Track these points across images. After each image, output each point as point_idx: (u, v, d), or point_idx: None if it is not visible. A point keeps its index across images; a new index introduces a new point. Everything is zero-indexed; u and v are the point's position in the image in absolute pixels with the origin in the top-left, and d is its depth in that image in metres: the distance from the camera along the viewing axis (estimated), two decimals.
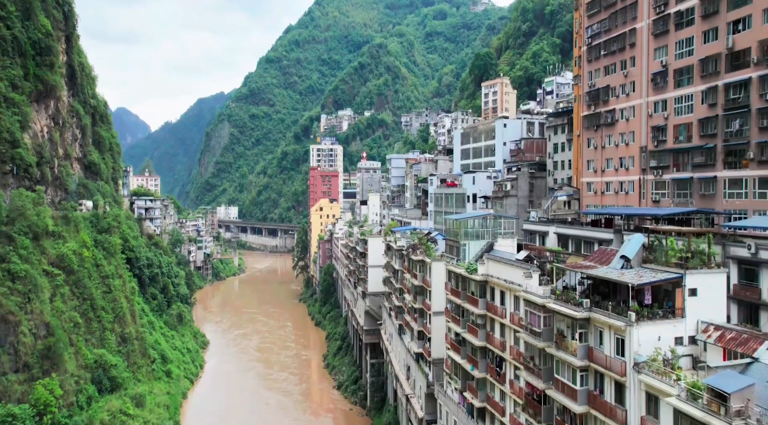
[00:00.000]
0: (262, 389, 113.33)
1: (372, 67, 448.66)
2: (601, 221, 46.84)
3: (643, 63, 50.14)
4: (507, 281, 38.76)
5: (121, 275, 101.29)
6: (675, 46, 46.61)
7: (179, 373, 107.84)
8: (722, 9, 41.93)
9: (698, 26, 44.28)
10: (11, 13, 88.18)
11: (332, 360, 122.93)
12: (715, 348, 25.43)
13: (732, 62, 41.16)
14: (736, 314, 32.76)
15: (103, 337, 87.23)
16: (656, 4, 48.25)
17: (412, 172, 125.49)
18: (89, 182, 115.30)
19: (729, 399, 20.25)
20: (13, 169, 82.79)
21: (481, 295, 42.50)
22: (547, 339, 32.25)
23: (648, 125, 49.52)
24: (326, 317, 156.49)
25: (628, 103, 52.24)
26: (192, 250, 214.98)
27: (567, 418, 30.87)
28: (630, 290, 27.53)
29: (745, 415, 19.86)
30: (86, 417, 73.12)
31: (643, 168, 50.12)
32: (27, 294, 71.79)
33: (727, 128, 41.58)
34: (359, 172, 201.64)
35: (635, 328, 26.45)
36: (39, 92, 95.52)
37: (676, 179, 46.55)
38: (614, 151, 54.16)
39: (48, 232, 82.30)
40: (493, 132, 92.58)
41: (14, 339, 67.92)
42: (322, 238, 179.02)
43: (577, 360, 29.40)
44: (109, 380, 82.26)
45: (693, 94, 44.95)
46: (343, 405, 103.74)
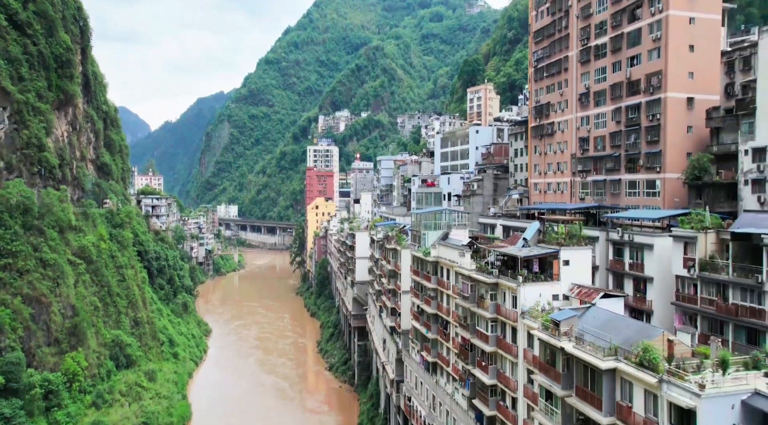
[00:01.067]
0: (261, 372, 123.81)
1: (369, 69, 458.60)
2: (535, 214, 57.69)
3: (573, 85, 61.00)
4: (450, 260, 49.68)
5: (133, 265, 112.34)
6: (594, 72, 57.46)
7: (185, 355, 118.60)
8: (623, 46, 52.79)
9: (609, 58, 55.12)
10: (37, 32, 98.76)
11: (325, 345, 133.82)
12: (576, 300, 36.29)
13: (630, 89, 52.03)
14: (612, 281, 43.61)
15: (118, 320, 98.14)
16: (582, 38, 59.11)
17: (399, 173, 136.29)
18: (102, 181, 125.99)
19: (559, 325, 31.18)
20: (40, 170, 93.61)
21: (434, 273, 53.41)
22: (472, 301, 43.17)
23: (576, 136, 60.41)
24: (321, 308, 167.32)
25: (563, 118, 63.13)
26: (194, 246, 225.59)
27: (483, 358, 41.83)
28: (520, 261, 38.44)
29: (570, 335, 30.80)
30: (107, 386, 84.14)
31: (573, 171, 61.04)
32: (56, 280, 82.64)
33: (627, 140, 52.51)
34: (353, 172, 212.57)
35: (523, 288, 37.34)
36: (60, 101, 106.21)
37: (595, 180, 57.45)
38: (553, 157, 65.03)
39: (71, 226, 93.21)
40: (468, 137, 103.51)
41: (47, 318, 78.79)
42: (318, 235, 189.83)
43: (489, 314, 40.32)
44: (124, 357, 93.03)
45: (606, 112, 55.83)
46: (333, 384, 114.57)
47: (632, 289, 41.66)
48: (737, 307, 33.24)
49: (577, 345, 29.64)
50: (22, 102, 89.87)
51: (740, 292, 33.26)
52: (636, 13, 51.52)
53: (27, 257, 78.67)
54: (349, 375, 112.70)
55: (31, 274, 78.36)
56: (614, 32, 54.28)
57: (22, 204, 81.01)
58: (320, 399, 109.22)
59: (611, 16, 54.66)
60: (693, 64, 48.36)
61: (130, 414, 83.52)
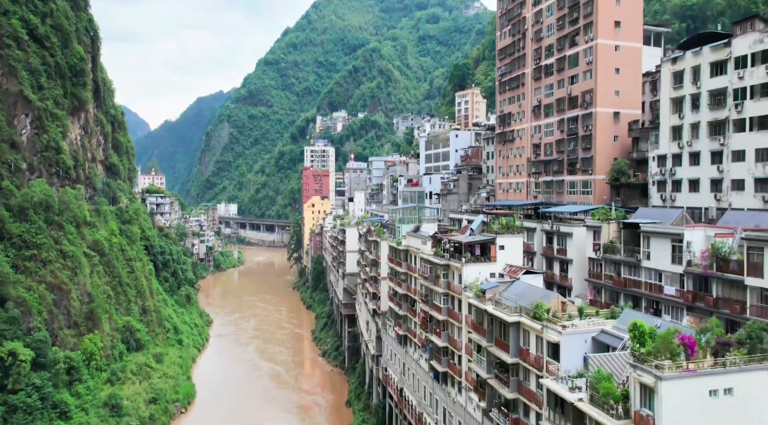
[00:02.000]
0: (259, 359, 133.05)
1: (366, 71, 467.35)
2: (495, 210, 67.14)
3: (528, 98, 70.38)
4: (416, 248, 59.12)
5: (140, 258, 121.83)
6: (544, 88, 66.85)
7: (189, 342, 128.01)
8: (566, 67, 62.16)
9: (555, 77, 64.50)
10: (54, 44, 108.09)
11: (319, 334, 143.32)
12: (507, 276, 45.70)
13: (570, 103, 61.42)
14: (544, 264, 53.00)
15: (128, 307, 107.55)
16: (534, 58, 68.51)
17: (389, 173, 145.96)
18: (111, 180, 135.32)
19: (485, 293, 40.68)
20: (57, 171, 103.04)
21: (405, 259, 62.81)
22: (430, 280, 52.65)
23: (531, 143, 69.81)
24: (316, 300, 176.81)
25: (521, 126, 72.51)
26: (195, 243, 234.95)
27: (438, 326, 51.31)
28: (464, 246, 47.91)
29: (492, 300, 40.28)
30: (120, 366, 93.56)
31: (528, 173, 70.48)
32: (74, 269, 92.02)
33: (568, 147, 61.91)
34: (347, 172, 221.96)
35: (465, 267, 46.79)
36: (74, 107, 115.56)
37: (545, 180, 66.86)
38: (513, 160, 74.43)
39: (86, 222, 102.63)
40: (448, 141, 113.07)
41: (67, 303, 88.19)
42: (314, 231, 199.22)
43: (441, 289, 49.78)
44: (134, 341, 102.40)
45: (553, 123, 65.22)
46: (326, 368, 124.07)
47: (559, 269, 51.10)
48: (626, 280, 42.72)
49: (496, 307, 39.18)
50: (42, 109, 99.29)
51: (628, 268, 42.69)
52: (575, 39, 60.91)
53: (49, 249, 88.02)
54: (340, 360, 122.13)
55: (52, 264, 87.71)
56: (559, 55, 63.72)
57: (45, 202, 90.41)
58: (314, 381, 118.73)
59: (557, 41, 64.09)
60: (618, 84, 57.75)
61: (140, 390, 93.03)
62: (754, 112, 42.47)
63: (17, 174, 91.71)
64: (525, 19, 70.52)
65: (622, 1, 57.15)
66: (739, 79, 43.49)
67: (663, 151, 50.06)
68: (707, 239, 36.23)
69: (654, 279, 40.02)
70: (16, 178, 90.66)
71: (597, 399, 26.91)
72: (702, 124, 46.80)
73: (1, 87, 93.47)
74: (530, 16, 69.29)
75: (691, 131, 48.01)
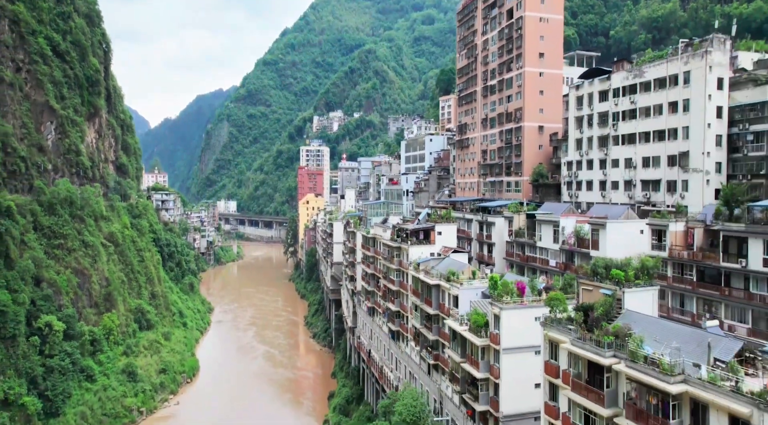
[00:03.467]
0: (256, 341, 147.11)
1: (362, 72, 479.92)
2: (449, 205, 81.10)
3: (479, 112, 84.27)
4: (380, 235, 73.20)
5: (149, 249, 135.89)
6: (489, 104, 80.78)
7: (192, 325, 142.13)
8: (504, 88, 76.10)
9: (497, 95, 78.47)
10: (73, 58, 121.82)
11: (311, 319, 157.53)
12: (442, 255, 59.65)
13: (507, 118, 75.39)
14: (478, 247, 67.02)
15: (139, 292, 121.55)
16: (483, 78, 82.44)
17: (375, 172, 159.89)
18: (121, 179, 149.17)
19: (419, 265, 54.76)
20: (77, 171, 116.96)
21: (372, 245, 76.79)
22: (388, 260, 66.66)
23: (480, 149, 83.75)
24: (309, 290, 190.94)
25: (474, 135, 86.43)
26: (196, 238, 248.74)
27: (393, 295, 65.36)
28: (410, 232, 61.90)
29: (424, 270, 54.29)
30: (134, 341, 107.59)
31: (478, 174, 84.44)
32: (94, 257, 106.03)
33: (506, 154, 75.88)
34: (339, 171, 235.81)
35: (411, 248, 60.78)
36: (90, 113, 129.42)
37: (490, 181, 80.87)
38: (468, 163, 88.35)
39: (102, 216, 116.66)
40: (424, 144, 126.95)
41: (89, 286, 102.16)
42: (308, 227, 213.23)
43: (395, 266, 63.76)
44: (145, 321, 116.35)
45: (495, 133, 79.14)
46: (316, 347, 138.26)
47: (486, 251, 65.05)
48: (528, 257, 56.70)
49: (425, 275, 53.28)
50: (64, 116, 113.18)
51: (529, 248, 56.62)
52: (510, 66, 74.76)
53: (73, 239, 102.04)
54: (328, 341, 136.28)
55: (76, 252, 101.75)
56: (500, 77, 77.58)
57: (69, 198, 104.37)
58: (304, 359, 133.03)
59: (498, 66, 77.94)
60: (543, 103, 71.57)
61: (152, 362, 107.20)
62: (624, 130, 56.31)
63: (45, 174, 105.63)
64: (476, 46, 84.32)
65: (545, 37, 70.82)
66: (615, 106, 57.32)
67: (570, 158, 63.97)
68: (574, 225, 50.05)
69: (544, 255, 53.94)
70: (44, 178, 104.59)
71: (472, 328, 41.06)
72: (594, 138, 60.66)
73: (30, 98, 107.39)
74: (480, 43, 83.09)
75: (588, 143, 61.89)
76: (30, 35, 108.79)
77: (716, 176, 48.36)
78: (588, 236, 47.49)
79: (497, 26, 77.42)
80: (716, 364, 23.11)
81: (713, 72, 47.50)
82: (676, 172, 50.52)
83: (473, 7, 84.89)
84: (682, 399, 23.00)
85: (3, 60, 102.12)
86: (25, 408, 74.11)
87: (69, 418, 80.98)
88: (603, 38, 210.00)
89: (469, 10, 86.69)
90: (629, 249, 43.59)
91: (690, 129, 49.13)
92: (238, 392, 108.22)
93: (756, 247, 35.03)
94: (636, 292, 30.91)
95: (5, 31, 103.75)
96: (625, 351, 25.81)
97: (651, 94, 53.11)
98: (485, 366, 39.21)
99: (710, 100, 47.59)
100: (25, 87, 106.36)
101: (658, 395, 23.48)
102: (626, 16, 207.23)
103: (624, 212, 47.81)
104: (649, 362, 24.28)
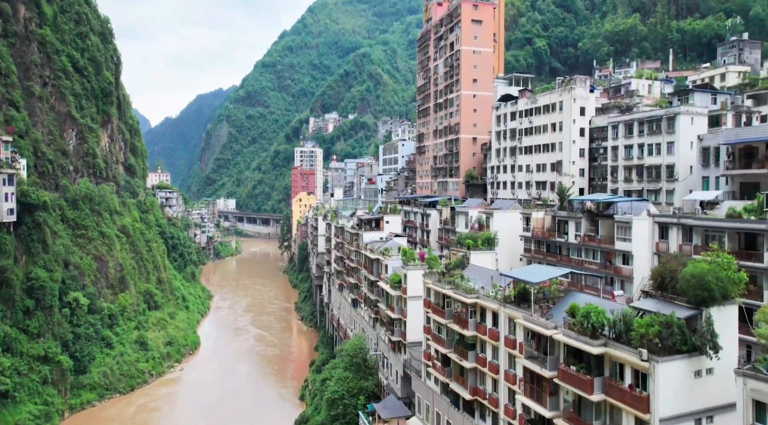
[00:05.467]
0: (251, 325, 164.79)
1: (356, 74, 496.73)
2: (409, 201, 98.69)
3: (432, 124, 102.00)
4: (345, 225, 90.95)
5: (156, 240, 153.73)
6: (439, 118, 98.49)
7: (194, 309, 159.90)
8: (448, 106, 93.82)
9: (444, 111, 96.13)
10: (90, 73, 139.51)
11: (300, 304, 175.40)
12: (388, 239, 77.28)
13: (450, 131, 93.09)
14: (421, 234, 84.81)
15: (148, 277, 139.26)
16: (435, 97, 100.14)
17: (358, 172, 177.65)
18: (130, 178, 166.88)
19: (368, 245, 72.50)
20: (94, 172, 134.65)
21: (341, 233, 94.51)
22: (350, 243, 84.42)
23: (432, 155, 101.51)
24: (300, 280, 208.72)
25: (428, 143, 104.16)
26: (197, 233, 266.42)
27: (353, 272, 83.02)
28: (365, 221, 79.56)
29: (370, 249, 71.98)
30: (144, 319, 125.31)
31: (431, 176, 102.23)
32: (110, 246, 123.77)
33: (449, 159, 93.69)
34: (330, 171, 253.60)
35: (364, 234, 78.51)
36: (104, 120, 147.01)
37: (439, 181, 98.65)
38: (425, 166, 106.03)
39: (116, 211, 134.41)
40: (397, 148, 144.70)
41: (106, 270, 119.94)
42: (300, 222, 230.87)
43: (354, 248, 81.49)
44: (153, 302, 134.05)
45: (443, 142, 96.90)
46: (303, 328, 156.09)
47: (426, 236, 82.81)
48: (450, 239, 74.56)
49: (371, 252, 71.10)
50: (83, 124, 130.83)
51: (451, 233, 74.42)
52: (451, 88, 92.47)
53: (93, 230, 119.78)
54: (314, 322, 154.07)
55: (95, 241, 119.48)
56: (445, 97, 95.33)
57: (89, 195, 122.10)
58: (293, 337, 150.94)
59: (444, 88, 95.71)
60: (475, 119, 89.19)
61: (159, 336, 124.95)
62: (525, 143, 73.97)
63: (68, 175, 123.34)
64: (430, 69, 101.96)
65: (478, 66, 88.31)
66: (520, 124, 74.97)
67: (492, 164, 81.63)
68: (477, 214, 67.69)
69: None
70: (67, 177, 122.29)
71: (392, 285, 58.89)
72: (507, 148, 78.30)
73: (55, 109, 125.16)
74: (432, 68, 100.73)
75: (504, 152, 79.53)
76: (54, 54, 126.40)
77: (580, 179, 66.03)
78: (484, 222, 65.14)
79: (444, 55, 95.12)
80: (498, 289, 40.94)
81: (576, 102, 65.12)
82: (555, 176, 68.19)
83: (428, 37, 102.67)
84: (476, 307, 40.81)
85: (33, 77, 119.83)
86: (61, 364, 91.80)
87: (94, 375, 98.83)
88: (572, 49, 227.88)
89: (425, 39, 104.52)
90: (510, 231, 61.62)
91: (563, 144, 66.78)
92: (234, 362, 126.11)
93: (572, 227, 52.42)
94: (479, 254, 48.78)
95: (35, 52, 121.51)
96: (455, 285, 43.72)
97: (541, 117, 70.75)
98: (398, 310, 57.05)
99: (575, 123, 65.25)
100: (50, 99, 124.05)
101: (466, 305, 41.29)
102: (593, 29, 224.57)
103: (512, 205, 65.37)
104: (463, 288, 42.16)
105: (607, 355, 28.40)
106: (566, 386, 30.14)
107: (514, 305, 37.05)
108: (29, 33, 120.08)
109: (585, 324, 29.04)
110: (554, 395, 31.84)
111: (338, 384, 60.85)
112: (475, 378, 40.99)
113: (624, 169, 59.36)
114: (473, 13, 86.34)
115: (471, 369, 40.82)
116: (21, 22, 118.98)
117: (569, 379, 29.79)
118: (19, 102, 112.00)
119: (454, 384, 42.96)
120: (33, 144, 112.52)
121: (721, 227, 36.86)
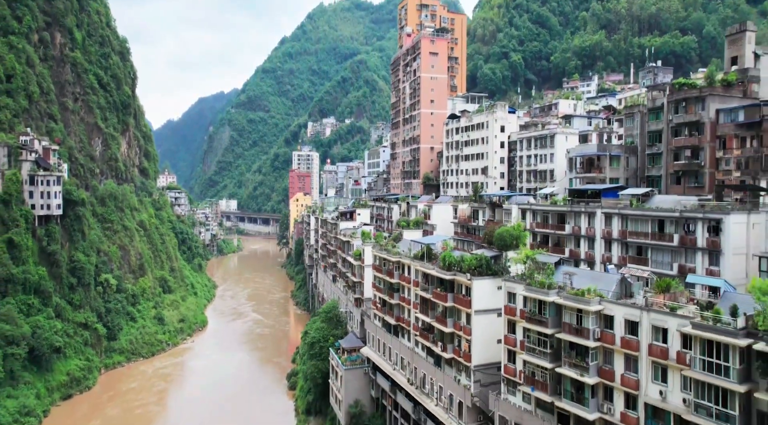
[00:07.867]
0: (251, 311, 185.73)
1: (353, 81, 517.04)
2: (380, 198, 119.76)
3: (401, 135, 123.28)
4: (327, 217, 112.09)
5: (168, 234, 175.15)
6: (406, 130, 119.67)
7: (202, 295, 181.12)
8: (412, 121, 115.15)
9: (410, 125, 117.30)
10: (112, 88, 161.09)
11: (295, 292, 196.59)
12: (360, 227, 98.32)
13: (413, 141, 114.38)
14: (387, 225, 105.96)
15: (162, 266, 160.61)
16: (403, 112, 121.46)
17: (348, 175, 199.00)
18: (144, 180, 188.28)
19: (343, 232, 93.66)
20: (116, 174, 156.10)
21: (324, 225, 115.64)
22: (331, 232, 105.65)
23: (401, 161, 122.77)
24: (296, 272, 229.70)
25: (399, 150, 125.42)
26: (201, 231, 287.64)
27: (334, 255, 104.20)
28: (342, 214, 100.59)
29: (343, 233, 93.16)
30: (160, 300, 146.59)
31: (401, 179, 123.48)
32: (131, 238, 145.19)
33: (412, 164, 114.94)
34: (324, 173, 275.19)
35: (341, 223, 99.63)
36: (123, 129, 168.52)
37: (405, 182, 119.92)
38: (397, 170, 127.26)
39: (135, 208, 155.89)
40: (379, 154, 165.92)
41: (128, 258, 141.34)
42: (297, 220, 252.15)
43: (333, 235, 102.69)
44: (167, 287, 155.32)
45: (409, 150, 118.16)
46: (298, 312, 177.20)
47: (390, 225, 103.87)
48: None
49: (343, 236, 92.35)
50: (107, 133, 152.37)
51: None
52: (414, 106, 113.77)
53: (117, 223, 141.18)
54: (307, 306, 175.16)
55: (119, 233, 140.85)
56: (411, 113, 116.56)
57: (113, 194, 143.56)
58: (287, 320, 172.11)
59: (410, 105, 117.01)
60: (433, 132, 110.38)
61: (173, 314, 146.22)
62: (466, 152, 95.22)
63: (95, 176, 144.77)
64: (400, 89, 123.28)
65: (434, 90, 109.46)
66: (462, 137, 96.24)
67: (444, 168, 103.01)
68: (423, 207, 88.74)
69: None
70: (95, 179, 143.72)
71: (354, 257, 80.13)
72: (453, 156, 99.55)
73: (84, 120, 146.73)
74: (401, 88, 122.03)
75: (452, 159, 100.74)
76: (84, 73, 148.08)
77: (501, 180, 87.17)
78: (428, 212, 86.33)
79: (409, 78, 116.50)
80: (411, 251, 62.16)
81: (497, 122, 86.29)
82: (483, 177, 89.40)
83: (399, 63, 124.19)
84: (399, 263, 61.90)
85: (67, 94, 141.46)
86: (97, 331, 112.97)
87: (123, 342, 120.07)
88: (546, 62, 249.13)
89: (397, 63, 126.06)
90: (446, 218, 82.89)
91: (489, 153, 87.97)
92: (236, 337, 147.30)
93: (480, 214, 73.46)
94: (410, 231, 70.13)
95: (68, 73, 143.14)
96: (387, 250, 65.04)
97: (475, 132, 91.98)
98: (358, 275, 78.36)
99: (496, 138, 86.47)
100: (80, 112, 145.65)
101: (393, 263, 62.37)
102: (564, 44, 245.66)
103: (449, 200, 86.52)
104: (393, 252, 63.41)
105: (455, 280, 49.74)
106: (437, 301, 51.54)
107: (420, 260, 58.38)
108: (63, 56, 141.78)
109: (443, 263, 50.46)
110: (433, 309, 53.23)
111: (317, 333, 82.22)
112: (399, 310, 62.32)
113: (526, 173, 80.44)
114: (430, 46, 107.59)
115: (396, 304, 62.15)
116: (57, 47, 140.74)
117: (438, 297, 51.19)
118: (57, 115, 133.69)
119: (387, 316, 64.36)
120: (68, 151, 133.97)
121: (547, 209, 57.84)
